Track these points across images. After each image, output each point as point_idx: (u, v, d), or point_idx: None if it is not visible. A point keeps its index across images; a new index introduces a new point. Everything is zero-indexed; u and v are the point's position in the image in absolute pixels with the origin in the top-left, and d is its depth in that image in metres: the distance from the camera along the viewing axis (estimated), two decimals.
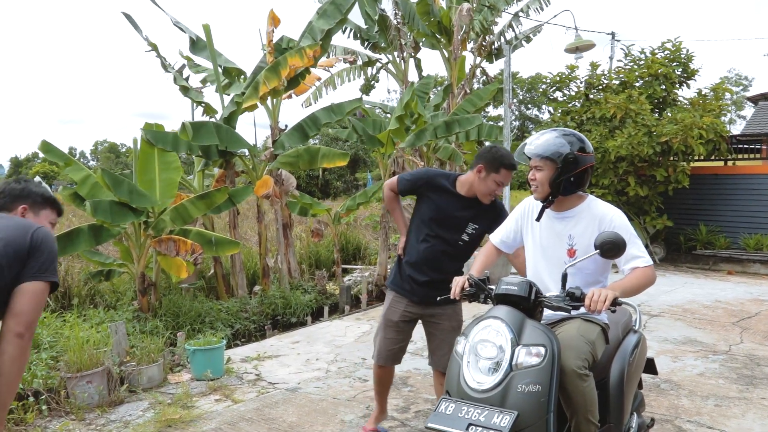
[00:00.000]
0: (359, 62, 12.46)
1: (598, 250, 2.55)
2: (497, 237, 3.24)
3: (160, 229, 6.62)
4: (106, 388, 4.58)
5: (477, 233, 3.58)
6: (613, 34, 14.97)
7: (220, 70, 8.28)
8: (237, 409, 4.52)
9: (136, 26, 7.93)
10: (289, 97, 9.15)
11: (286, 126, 8.67)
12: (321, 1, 8.26)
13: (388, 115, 11.78)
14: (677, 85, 11.59)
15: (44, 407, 4.32)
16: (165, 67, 8.12)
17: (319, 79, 9.58)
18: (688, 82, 11.64)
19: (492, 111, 32.10)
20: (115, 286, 7.80)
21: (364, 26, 11.99)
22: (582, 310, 2.61)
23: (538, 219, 2.94)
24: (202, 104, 8.17)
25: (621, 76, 11.60)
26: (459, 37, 11.20)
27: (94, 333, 5.07)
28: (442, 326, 3.71)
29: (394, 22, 11.40)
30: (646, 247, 10.69)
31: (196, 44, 8.50)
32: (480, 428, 2.23)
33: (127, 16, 7.85)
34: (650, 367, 3.37)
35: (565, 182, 2.79)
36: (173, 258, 6.58)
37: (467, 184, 3.50)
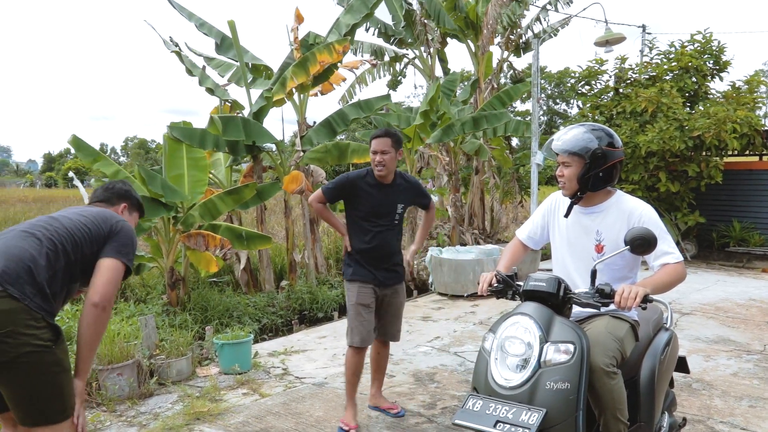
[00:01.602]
0: (386, 58, 12.43)
1: (628, 246, 2.51)
2: (524, 233, 3.21)
3: (189, 224, 6.69)
4: (137, 380, 4.66)
5: (404, 209, 4.04)
6: (643, 27, 14.74)
7: (246, 67, 8.33)
8: (264, 403, 4.55)
9: (159, 35, 8.09)
10: (316, 95, 9.17)
11: (314, 122, 8.69)
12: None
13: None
14: (709, 78, 11.32)
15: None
16: (189, 72, 8.20)
17: (344, 79, 9.58)
18: (721, 74, 11.35)
19: (519, 106, 31.83)
20: (145, 280, 7.92)
21: (389, 22, 11.96)
22: (611, 306, 2.57)
23: (566, 215, 2.90)
24: (229, 101, 8.24)
25: (649, 69, 11.39)
26: (487, 31, 11.09)
27: (125, 326, 5.15)
28: (396, 301, 4.11)
29: (420, 16, 11.35)
30: (678, 243, 10.50)
31: (221, 46, 8.56)
32: (508, 425, 2.21)
33: (151, 26, 8.00)
34: (682, 365, 3.31)
35: (594, 178, 2.75)
36: (202, 253, 6.65)
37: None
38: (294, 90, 7.97)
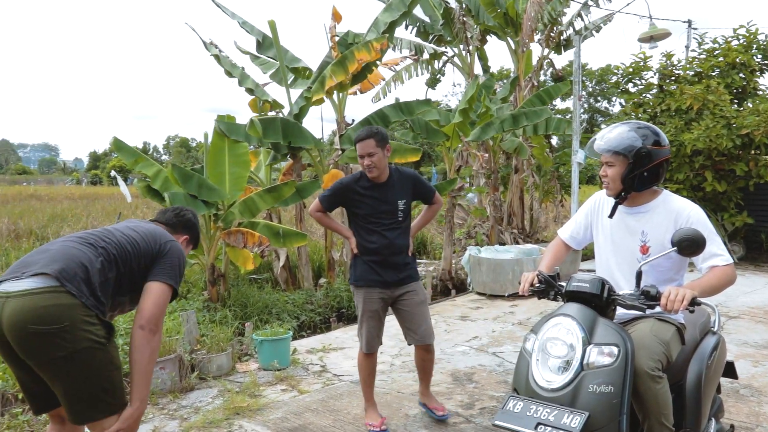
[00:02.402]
0: (426, 55, 12.39)
1: (675, 248, 2.44)
2: (566, 232, 3.16)
3: (229, 222, 6.79)
4: (178, 374, 4.75)
5: (408, 204, 3.93)
6: (689, 22, 14.36)
7: (286, 68, 8.41)
8: (303, 399, 4.59)
9: (200, 37, 8.21)
10: (354, 93, 9.20)
11: (353, 120, 8.71)
12: None
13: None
14: (758, 73, 10.97)
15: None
16: (228, 73, 8.27)
17: (383, 78, 9.59)
18: None
19: (559, 104, 31.39)
20: (187, 276, 8.05)
21: (428, 20, 11.91)
22: (657, 309, 2.51)
23: (611, 216, 2.83)
24: (269, 101, 8.32)
25: (694, 65, 11.08)
26: (528, 28, 10.95)
27: (167, 321, 5.25)
28: (413, 300, 3.94)
29: (459, 14, 11.28)
30: (724, 245, 10.20)
31: (262, 45, 8.65)
32: (549, 428, 2.18)
33: (192, 28, 8.12)
34: (730, 370, 3.21)
35: (638, 177, 2.68)
36: (241, 250, 6.74)
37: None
38: (334, 90, 8.00)
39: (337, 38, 8.32)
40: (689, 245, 2.41)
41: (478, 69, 12.21)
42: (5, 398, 4.13)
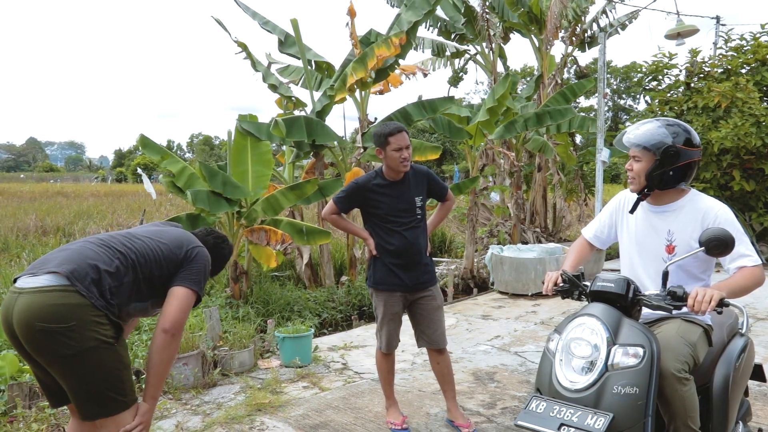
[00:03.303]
0: (447, 53, 12.33)
1: (702, 247, 2.40)
2: (590, 231, 3.13)
3: (252, 219, 6.83)
4: (201, 370, 4.79)
5: (424, 201, 3.84)
6: (717, 18, 14.11)
7: (310, 67, 8.43)
8: (324, 396, 4.60)
9: (226, 29, 8.21)
10: (376, 93, 9.19)
11: (375, 119, 8.71)
12: None
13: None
14: None
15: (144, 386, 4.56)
16: (254, 65, 8.32)
17: (402, 82, 9.56)
18: None
19: (583, 102, 31.08)
20: None
21: (449, 19, 11.85)
22: (684, 310, 2.47)
23: (632, 211, 2.80)
24: (293, 99, 8.35)
25: (723, 63, 10.88)
26: (552, 25, 10.85)
27: (191, 317, 5.30)
28: (431, 305, 3.86)
29: (481, 12, 11.20)
30: (752, 245, 10.01)
31: (284, 43, 8.67)
32: (573, 429, 2.16)
33: (218, 21, 8.14)
34: (758, 373, 3.16)
35: (664, 175, 2.64)
36: (264, 247, 6.78)
37: (387, 169, 3.75)
38: (355, 87, 8.01)
39: (359, 36, 8.32)
40: (717, 245, 2.37)
41: (500, 67, 12.13)
42: (33, 392, 4.20)
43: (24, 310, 2.29)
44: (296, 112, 8.38)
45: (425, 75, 11.33)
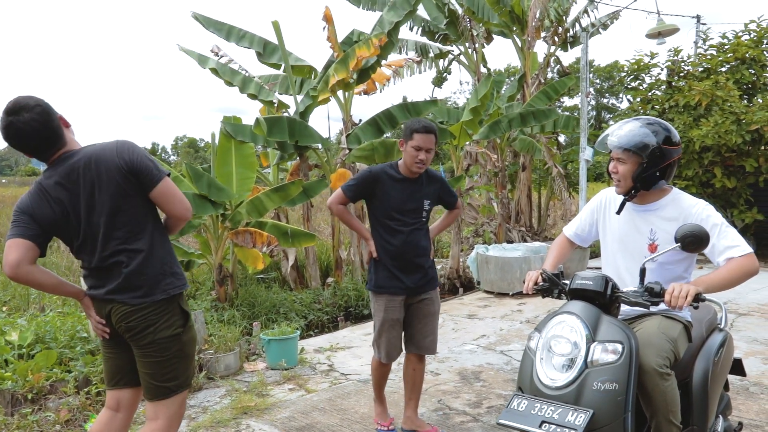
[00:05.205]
0: (431, 54, 12.36)
1: (679, 244, 2.42)
2: (571, 229, 3.15)
3: (236, 222, 6.81)
4: None
5: (431, 206, 3.74)
6: (698, 18, 14.25)
7: (291, 69, 8.41)
8: (310, 398, 4.60)
9: (205, 26, 8.17)
10: (359, 93, 9.20)
11: (360, 120, 8.72)
12: None
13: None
14: None
15: None
16: (229, 83, 8.18)
17: (388, 78, 9.57)
18: None
19: (568, 101, 31.23)
20: (195, 276, 8.09)
21: (432, 20, 11.86)
22: (662, 306, 2.50)
23: (618, 212, 2.82)
24: (275, 101, 8.32)
25: (703, 62, 11.01)
26: (533, 26, 10.91)
27: None
28: (427, 310, 3.75)
29: (461, 13, 11.23)
30: None
31: (263, 54, 8.62)
32: (554, 426, 2.18)
33: (196, 17, 8.14)
34: (738, 368, 3.19)
35: (650, 176, 2.66)
36: (249, 249, 6.76)
37: (403, 164, 3.63)
38: (338, 88, 8.01)
39: (342, 36, 8.32)
40: (693, 241, 2.39)
41: (483, 68, 12.16)
42: (15, 398, 4.16)
43: None
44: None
45: (418, 63, 11.34)
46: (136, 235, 2.59)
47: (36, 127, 2.46)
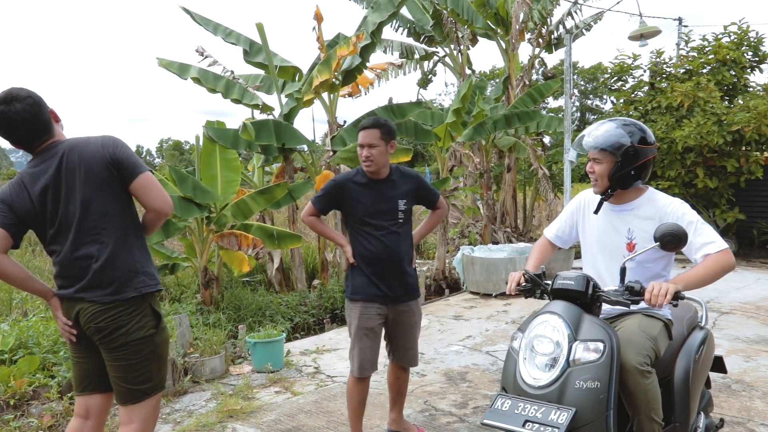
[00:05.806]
0: (416, 56, 12.39)
1: (657, 243, 2.45)
2: (552, 231, 3.18)
3: (221, 224, 6.79)
4: (171, 378, 4.73)
5: (409, 205, 3.56)
6: (679, 20, 14.41)
7: (275, 69, 8.39)
8: (296, 401, 4.59)
9: (196, 20, 8.10)
10: (344, 96, 9.20)
11: (345, 122, 8.72)
12: None
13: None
14: (748, 70, 11.02)
15: None
16: (212, 90, 8.12)
17: (371, 82, 9.58)
18: (761, 66, 11.05)
19: (552, 103, 31.42)
20: (180, 279, 8.05)
21: (417, 21, 11.90)
22: (643, 305, 2.52)
23: (596, 212, 2.85)
24: (259, 104, 8.30)
25: (685, 64, 11.13)
26: (517, 28, 10.98)
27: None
28: (409, 321, 3.62)
29: (446, 17, 11.27)
30: None
31: (249, 52, 8.59)
32: (537, 425, 2.20)
33: (186, 10, 8.11)
34: (719, 365, 3.24)
35: (626, 175, 2.70)
36: (235, 252, 6.74)
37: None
38: (322, 90, 8.00)
39: (326, 40, 8.32)
40: (671, 240, 2.42)
41: (468, 70, 12.22)
42: None
43: None
44: (264, 116, 8.33)
45: (400, 66, 11.34)
46: (110, 227, 2.57)
47: (27, 117, 2.50)
